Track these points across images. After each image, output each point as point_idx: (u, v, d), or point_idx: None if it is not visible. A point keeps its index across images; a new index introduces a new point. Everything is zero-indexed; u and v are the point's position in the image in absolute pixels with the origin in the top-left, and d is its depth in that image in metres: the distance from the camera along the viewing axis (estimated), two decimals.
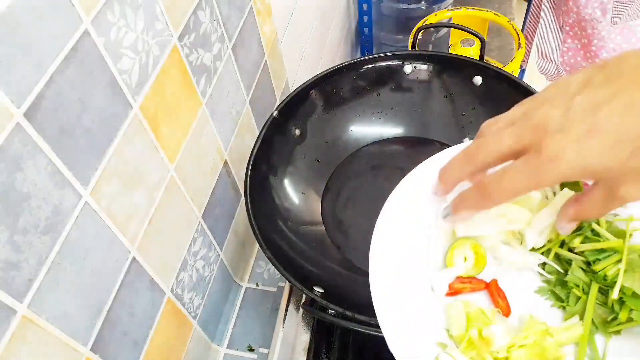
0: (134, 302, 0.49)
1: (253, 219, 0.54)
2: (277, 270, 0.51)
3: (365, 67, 0.69)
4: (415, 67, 0.70)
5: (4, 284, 0.33)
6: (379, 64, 0.69)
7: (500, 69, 0.65)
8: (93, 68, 0.39)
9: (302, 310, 0.60)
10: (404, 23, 1.25)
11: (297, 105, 0.66)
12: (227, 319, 0.73)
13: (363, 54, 1.35)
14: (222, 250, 0.69)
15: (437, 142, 0.71)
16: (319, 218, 0.66)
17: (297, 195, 0.66)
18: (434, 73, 0.70)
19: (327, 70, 0.67)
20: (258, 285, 0.77)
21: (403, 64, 0.70)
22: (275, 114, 0.63)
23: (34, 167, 0.34)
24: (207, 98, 0.58)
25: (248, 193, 0.56)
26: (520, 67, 0.96)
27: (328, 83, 0.68)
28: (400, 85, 0.71)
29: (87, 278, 0.42)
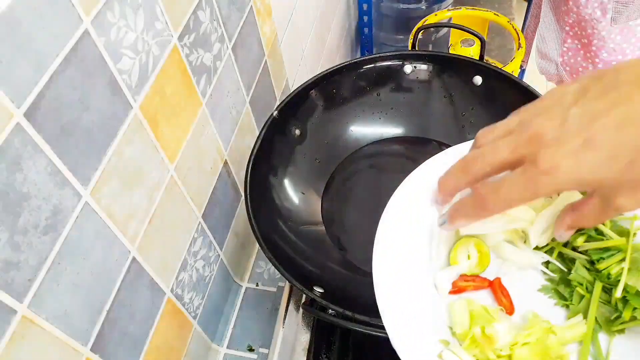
0: (134, 302, 0.49)
1: (253, 219, 0.54)
2: (277, 270, 0.51)
3: (365, 67, 0.69)
4: (415, 67, 0.70)
5: (4, 284, 0.33)
6: (379, 64, 0.69)
7: (500, 69, 0.65)
8: (93, 68, 0.39)
9: (302, 310, 0.60)
10: (404, 23, 1.25)
11: (297, 105, 0.66)
12: (227, 319, 0.73)
13: (363, 54, 1.35)
14: (222, 250, 0.69)
15: (437, 142, 0.71)
16: (319, 218, 0.66)
17: (297, 195, 0.66)
18: (434, 73, 0.70)
19: (327, 70, 0.67)
20: (258, 285, 0.77)
21: (403, 64, 0.70)
22: (275, 114, 0.63)
23: (34, 167, 0.34)
24: (207, 98, 0.58)
25: (248, 193, 0.56)
26: (520, 67, 0.96)
27: (328, 83, 0.68)
28: (400, 85, 0.71)
29: (87, 278, 0.42)
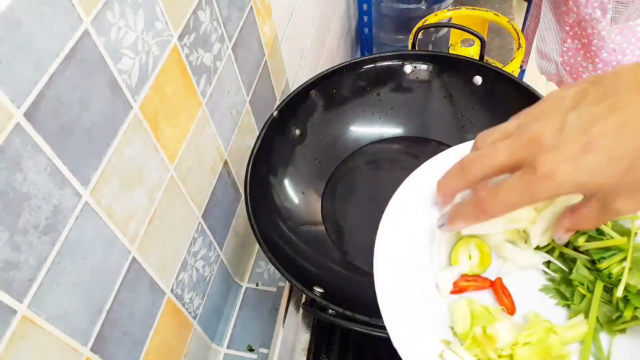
0: (134, 302, 0.49)
1: (253, 219, 0.54)
2: (277, 270, 0.51)
3: (365, 67, 0.69)
4: (415, 67, 0.70)
5: (4, 284, 0.33)
6: (379, 64, 0.69)
7: (500, 69, 0.65)
8: (93, 68, 0.39)
9: (302, 310, 0.60)
10: (404, 23, 1.25)
11: (297, 105, 0.66)
12: (227, 319, 0.73)
13: (363, 54, 1.35)
14: (222, 250, 0.69)
15: (437, 142, 0.71)
16: (319, 218, 0.66)
17: (297, 195, 0.66)
18: (434, 73, 0.70)
19: (327, 70, 0.67)
20: (258, 285, 0.77)
21: (403, 64, 0.70)
22: (275, 114, 0.63)
23: (34, 167, 0.34)
24: (207, 98, 0.58)
25: (248, 193, 0.56)
26: (520, 67, 0.96)
27: (328, 83, 0.68)
28: (400, 85, 0.71)
29: (87, 278, 0.42)
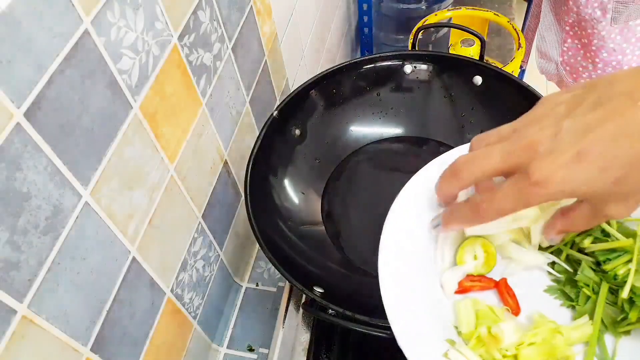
0: (134, 302, 0.49)
1: (253, 219, 0.54)
2: (277, 270, 0.51)
3: (365, 67, 0.69)
4: (415, 67, 0.70)
5: (4, 284, 0.33)
6: (379, 64, 0.69)
7: (500, 69, 0.65)
8: (93, 68, 0.39)
9: (302, 310, 0.60)
10: (404, 23, 1.25)
11: (297, 105, 0.66)
12: (227, 319, 0.73)
13: (363, 54, 1.35)
14: (222, 250, 0.69)
15: (437, 142, 0.71)
16: (319, 218, 0.66)
17: (297, 195, 0.66)
18: (434, 73, 0.70)
19: (327, 70, 0.67)
20: (258, 285, 0.77)
21: (403, 64, 0.70)
22: (275, 114, 0.63)
23: (34, 167, 0.34)
24: (207, 98, 0.58)
25: (248, 193, 0.56)
26: (520, 67, 0.96)
27: (328, 83, 0.68)
28: (400, 85, 0.71)
29: (87, 278, 0.42)
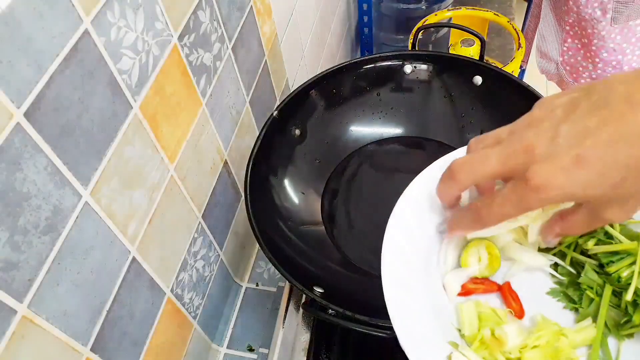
0: (134, 302, 0.49)
1: (253, 219, 0.54)
2: (277, 270, 0.51)
3: (365, 67, 0.69)
4: (415, 67, 0.70)
5: (4, 284, 0.33)
6: (379, 64, 0.69)
7: (500, 69, 0.65)
8: (93, 68, 0.39)
9: (302, 310, 0.60)
10: (404, 23, 1.25)
11: (297, 105, 0.66)
12: (227, 319, 0.73)
13: (363, 54, 1.35)
14: (222, 250, 0.69)
15: (437, 142, 0.71)
16: (319, 218, 0.66)
17: (297, 195, 0.66)
18: (434, 73, 0.70)
19: (327, 70, 0.67)
20: (258, 285, 0.77)
21: (403, 64, 0.70)
22: (275, 114, 0.63)
23: (34, 167, 0.34)
24: (207, 98, 0.58)
25: (248, 193, 0.56)
26: (520, 67, 0.96)
27: (328, 83, 0.68)
28: (400, 85, 0.71)
29: (87, 278, 0.42)
